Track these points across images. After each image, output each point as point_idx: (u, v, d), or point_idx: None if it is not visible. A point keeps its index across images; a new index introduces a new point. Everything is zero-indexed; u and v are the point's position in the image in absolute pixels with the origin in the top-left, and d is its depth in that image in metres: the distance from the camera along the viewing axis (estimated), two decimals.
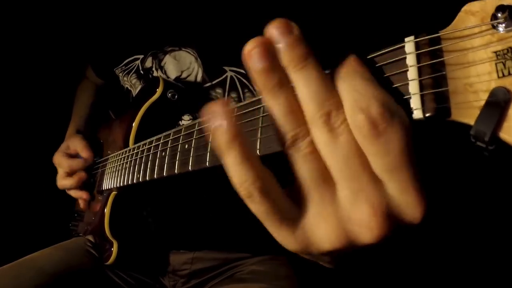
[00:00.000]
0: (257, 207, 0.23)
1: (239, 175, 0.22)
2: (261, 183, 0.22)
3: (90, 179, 0.79)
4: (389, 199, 0.22)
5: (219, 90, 0.62)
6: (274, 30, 0.21)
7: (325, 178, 0.23)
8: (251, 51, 0.22)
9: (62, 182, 0.77)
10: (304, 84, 0.22)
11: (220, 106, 0.22)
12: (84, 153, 0.76)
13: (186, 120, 0.64)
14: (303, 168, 0.23)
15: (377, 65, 0.24)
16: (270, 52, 0.22)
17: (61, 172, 0.77)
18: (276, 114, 0.23)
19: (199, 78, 0.63)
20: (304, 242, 0.24)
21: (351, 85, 0.22)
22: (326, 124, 0.22)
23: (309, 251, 0.24)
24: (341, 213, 0.22)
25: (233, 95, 0.62)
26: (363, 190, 0.22)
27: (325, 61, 0.23)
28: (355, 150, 0.22)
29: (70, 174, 0.76)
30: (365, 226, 0.22)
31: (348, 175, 0.22)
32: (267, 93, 0.22)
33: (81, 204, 0.80)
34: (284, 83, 0.22)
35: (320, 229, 0.23)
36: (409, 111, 0.22)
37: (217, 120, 0.22)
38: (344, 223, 0.22)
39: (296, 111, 0.22)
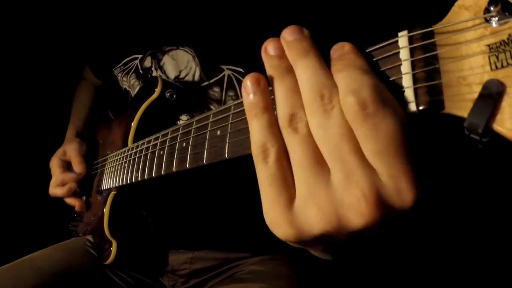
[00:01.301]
0: (267, 168, 0.25)
1: (264, 135, 0.25)
2: (279, 146, 0.25)
3: (83, 189, 0.79)
4: (380, 185, 0.22)
5: (216, 89, 0.62)
6: (287, 32, 0.25)
7: (319, 161, 0.23)
8: (267, 46, 0.26)
9: (53, 190, 0.78)
10: (304, 70, 0.24)
11: (254, 81, 0.26)
12: (77, 167, 0.77)
13: (184, 120, 0.65)
14: (298, 150, 0.24)
15: (371, 60, 0.24)
16: (282, 46, 0.26)
17: (53, 180, 0.78)
18: (280, 95, 0.25)
19: (196, 77, 0.64)
20: (296, 224, 0.24)
21: (347, 74, 0.23)
22: (319, 106, 0.23)
23: (300, 236, 0.24)
24: (333, 197, 0.23)
25: (231, 93, 0.62)
26: (355, 174, 0.22)
27: (324, 53, 0.25)
28: (347, 133, 0.22)
29: (59, 184, 0.77)
30: (356, 210, 0.22)
31: (339, 158, 0.23)
32: (277, 76, 0.26)
33: (77, 208, 0.80)
34: (291, 69, 0.25)
35: (312, 212, 0.23)
36: (403, 104, 0.23)
37: (251, 90, 0.26)
38: (336, 207, 0.23)
39: (297, 94, 0.25)
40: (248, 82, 0.26)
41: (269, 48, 0.26)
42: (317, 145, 0.24)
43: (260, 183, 0.25)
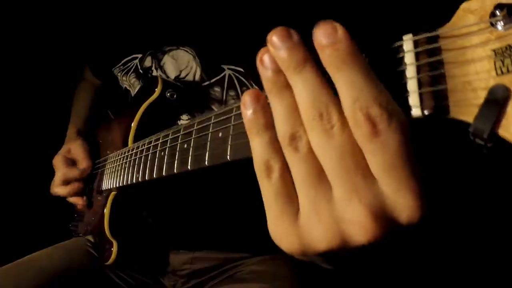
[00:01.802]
0: (271, 185, 0.24)
1: (266, 153, 0.25)
2: (282, 163, 0.24)
3: (86, 188, 0.78)
4: (384, 199, 0.22)
5: (217, 89, 0.62)
6: (274, 37, 0.23)
7: (321, 178, 0.23)
8: (263, 57, 0.24)
9: (56, 189, 0.77)
10: (301, 87, 0.23)
11: (253, 98, 0.25)
12: (83, 163, 0.77)
13: (184, 120, 0.64)
14: (300, 168, 0.24)
15: (375, 63, 0.24)
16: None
17: (55, 178, 0.77)
18: (279, 114, 0.24)
19: (197, 77, 0.63)
20: (301, 239, 0.24)
21: (349, 81, 0.22)
22: (319, 125, 0.22)
23: (304, 250, 0.24)
24: (336, 213, 0.23)
25: (232, 93, 0.62)
26: (357, 189, 0.22)
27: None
28: (349, 149, 0.22)
29: (63, 183, 0.76)
30: (359, 226, 0.22)
31: (341, 175, 0.22)
32: (275, 93, 0.24)
33: (79, 206, 0.80)
34: (288, 84, 0.24)
35: (315, 228, 0.23)
36: (408, 109, 0.22)
37: (251, 107, 0.25)
38: (339, 223, 0.23)
39: (297, 112, 0.24)
40: (247, 98, 0.25)
41: (265, 60, 0.24)
42: (318, 162, 0.23)
43: (264, 198, 0.25)
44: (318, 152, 0.23)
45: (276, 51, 0.23)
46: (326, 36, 0.21)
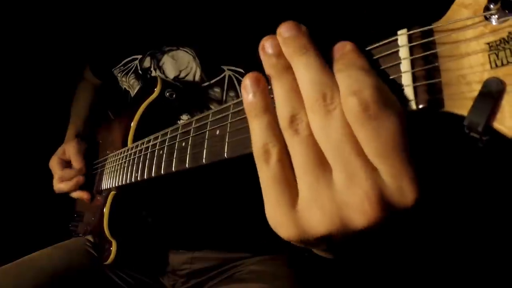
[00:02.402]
0: (269, 169, 0.24)
1: (265, 136, 0.25)
2: (281, 146, 0.24)
3: (87, 178, 0.79)
4: (382, 184, 0.22)
5: (217, 89, 0.62)
6: (283, 27, 0.25)
7: (321, 162, 0.23)
8: (265, 43, 0.25)
9: (58, 185, 0.78)
10: (303, 69, 0.24)
11: (253, 81, 0.26)
12: (76, 164, 0.77)
13: (184, 120, 0.65)
14: (300, 151, 0.24)
15: (370, 58, 0.24)
16: (278, 43, 0.25)
17: (55, 177, 0.78)
18: (280, 96, 0.25)
19: (197, 78, 0.64)
20: (299, 225, 0.24)
21: (348, 74, 0.22)
22: (321, 107, 0.23)
23: (303, 236, 0.24)
24: (335, 197, 0.23)
25: (232, 94, 0.62)
26: (357, 174, 0.22)
27: (324, 52, 0.25)
28: (349, 134, 0.22)
29: (62, 181, 0.77)
30: (359, 210, 0.22)
31: (341, 158, 0.22)
32: (275, 76, 0.25)
33: (86, 199, 0.80)
34: (289, 68, 0.25)
35: (315, 213, 0.23)
36: (403, 102, 0.23)
37: (251, 90, 0.26)
38: (339, 207, 0.23)
39: (298, 94, 0.24)
40: (247, 82, 0.26)
41: (266, 46, 0.25)
42: (319, 146, 0.23)
43: (262, 183, 0.25)
44: (318, 135, 0.23)
45: (283, 37, 0.24)
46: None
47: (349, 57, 0.23)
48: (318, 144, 0.23)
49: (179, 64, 0.65)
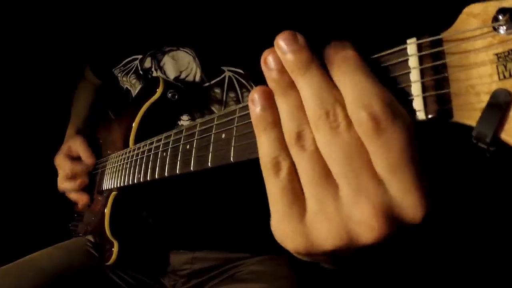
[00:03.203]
0: (279, 182, 0.24)
1: (274, 149, 0.25)
2: (291, 160, 0.24)
3: (90, 184, 0.78)
4: (390, 199, 0.22)
5: (217, 90, 0.62)
6: (280, 41, 0.24)
7: (327, 177, 0.23)
8: (267, 58, 0.25)
9: (63, 185, 0.77)
10: (306, 87, 0.23)
11: (261, 95, 0.25)
12: (87, 157, 0.76)
13: (184, 120, 0.64)
14: (306, 167, 0.24)
15: (379, 67, 0.24)
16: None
17: (62, 174, 0.77)
18: (285, 113, 0.24)
19: (197, 78, 0.63)
20: (307, 238, 0.24)
21: (353, 81, 0.22)
22: (325, 124, 0.23)
23: (310, 249, 0.24)
24: (342, 212, 0.23)
25: (232, 95, 0.62)
26: (364, 189, 0.22)
27: (323, 53, 0.24)
28: (355, 148, 0.22)
29: (71, 177, 0.76)
30: (366, 225, 0.22)
31: (348, 174, 0.22)
32: (280, 93, 0.25)
33: (80, 206, 0.79)
34: (293, 84, 0.24)
35: (322, 227, 0.23)
36: (412, 112, 0.23)
37: (259, 104, 0.25)
38: (346, 222, 0.23)
39: (303, 111, 0.24)
40: (255, 96, 0.25)
41: (269, 61, 0.24)
42: (324, 161, 0.23)
43: (270, 195, 0.25)
44: (324, 151, 0.23)
45: (282, 53, 0.24)
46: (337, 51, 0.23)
47: (352, 63, 0.23)
48: (323, 159, 0.23)
49: (180, 64, 0.65)
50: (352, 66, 0.23)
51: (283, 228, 0.24)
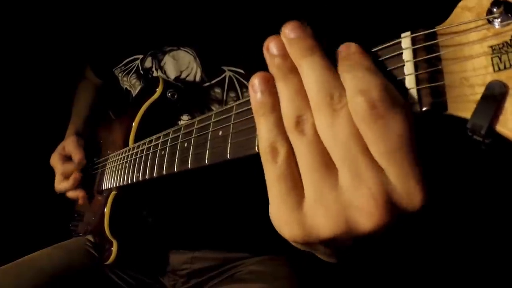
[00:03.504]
0: (276, 168, 0.24)
1: (272, 134, 0.25)
2: (288, 145, 0.25)
3: (87, 178, 0.79)
4: (389, 186, 0.22)
5: (218, 90, 0.62)
6: (287, 28, 0.25)
7: (327, 162, 0.23)
8: (269, 44, 0.25)
9: (59, 186, 0.78)
10: (310, 70, 0.24)
11: (261, 80, 0.26)
12: (76, 156, 0.77)
13: (184, 120, 0.65)
14: (305, 152, 0.23)
15: (374, 61, 0.24)
16: (284, 44, 0.25)
17: (57, 175, 0.78)
18: (285, 97, 0.25)
19: (198, 78, 0.64)
20: (304, 225, 0.24)
21: (354, 74, 0.22)
22: (328, 106, 0.23)
23: (308, 237, 0.24)
24: (341, 199, 0.22)
25: (232, 94, 0.62)
26: (363, 175, 0.22)
27: (329, 53, 0.25)
28: (356, 134, 0.22)
29: (65, 177, 0.77)
30: (365, 212, 0.22)
31: (348, 159, 0.22)
32: (280, 77, 0.25)
33: (80, 201, 0.80)
34: (294, 68, 0.25)
35: (320, 213, 0.23)
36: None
37: (259, 89, 0.26)
38: (345, 209, 0.22)
39: (303, 95, 0.24)
40: (256, 81, 0.26)
41: (271, 47, 0.25)
42: (325, 146, 0.23)
43: (268, 182, 0.25)
44: (324, 135, 0.23)
45: (287, 39, 0.24)
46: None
47: (355, 58, 0.23)
48: (323, 145, 0.23)
49: (180, 64, 0.65)
50: (354, 63, 0.23)
51: (281, 215, 0.24)
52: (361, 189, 0.22)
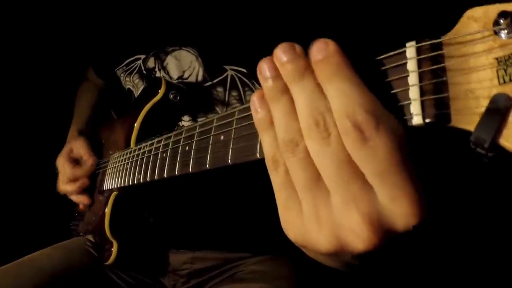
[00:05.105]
0: (278, 177, 0.25)
1: (273, 148, 0.26)
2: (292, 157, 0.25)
3: (91, 184, 0.79)
4: (380, 207, 0.22)
5: (220, 89, 0.62)
6: (278, 50, 0.25)
7: (318, 183, 0.23)
8: (261, 67, 0.26)
9: (64, 187, 0.77)
10: (300, 95, 0.24)
11: (260, 97, 0.26)
12: (89, 159, 0.77)
13: (185, 121, 0.65)
14: (298, 171, 0.24)
15: (378, 70, 0.24)
16: (275, 66, 0.25)
17: (62, 177, 0.77)
18: (277, 119, 0.25)
19: (200, 77, 0.63)
20: (303, 237, 0.24)
21: (338, 89, 0.22)
22: (316, 134, 0.23)
23: (305, 246, 0.25)
24: (333, 219, 0.23)
25: (234, 93, 0.62)
26: (354, 197, 0.22)
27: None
28: (345, 157, 0.22)
29: (72, 180, 0.76)
30: (355, 234, 0.22)
31: (338, 182, 0.22)
32: (272, 98, 0.25)
33: (81, 207, 0.80)
34: (286, 90, 0.25)
35: (315, 230, 0.23)
36: (409, 116, 0.22)
37: (257, 108, 0.26)
38: (336, 229, 0.23)
39: (294, 118, 0.24)
40: (254, 98, 0.26)
41: (263, 69, 0.25)
42: (316, 167, 0.23)
43: (273, 186, 0.26)
44: (315, 159, 0.23)
45: (280, 63, 0.25)
46: (318, 51, 0.23)
47: (335, 62, 0.23)
48: (315, 167, 0.23)
49: (182, 64, 0.65)
50: (335, 70, 0.23)
51: (286, 218, 0.25)
52: (351, 211, 0.22)
